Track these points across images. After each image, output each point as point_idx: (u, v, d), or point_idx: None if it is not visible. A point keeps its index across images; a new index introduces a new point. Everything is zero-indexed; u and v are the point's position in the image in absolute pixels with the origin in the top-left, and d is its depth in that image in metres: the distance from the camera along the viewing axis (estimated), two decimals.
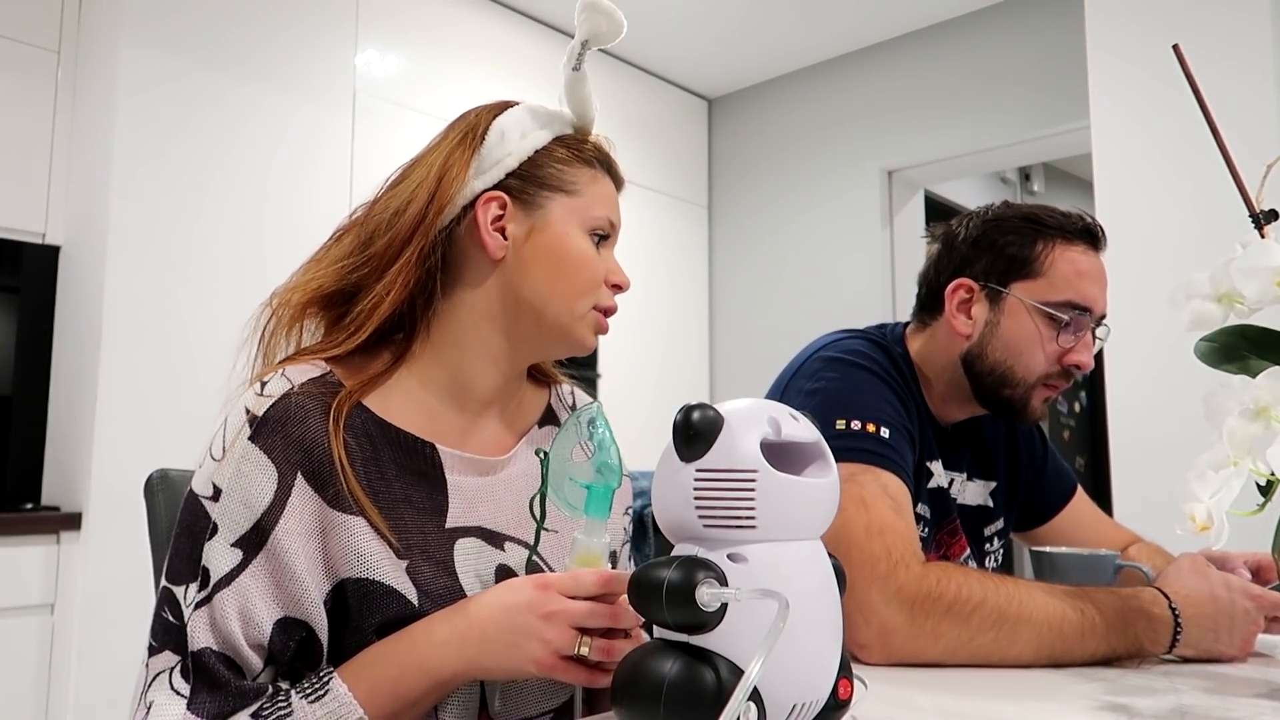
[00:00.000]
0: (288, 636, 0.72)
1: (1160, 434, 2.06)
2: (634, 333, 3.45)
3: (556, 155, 0.85)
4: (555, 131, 0.86)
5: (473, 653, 0.70)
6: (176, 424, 2.25)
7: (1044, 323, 1.09)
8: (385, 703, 0.70)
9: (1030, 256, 1.11)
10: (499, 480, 0.85)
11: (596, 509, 0.72)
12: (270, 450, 0.73)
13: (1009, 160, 3.45)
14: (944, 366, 1.17)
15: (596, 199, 0.86)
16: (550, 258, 0.82)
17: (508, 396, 0.89)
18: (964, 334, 1.14)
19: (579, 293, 0.83)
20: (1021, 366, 1.11)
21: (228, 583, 0.71)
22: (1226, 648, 0.92)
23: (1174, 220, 2.12)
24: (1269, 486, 0.65)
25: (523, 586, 0.69)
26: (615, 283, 0.86)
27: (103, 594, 2.13)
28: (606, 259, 0.86)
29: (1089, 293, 1.10)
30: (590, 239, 0.85)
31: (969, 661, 0.89)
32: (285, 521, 0.72)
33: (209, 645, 0.70)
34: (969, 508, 1.26)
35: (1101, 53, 2.31)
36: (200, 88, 2.41)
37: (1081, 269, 1.10)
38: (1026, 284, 1.11)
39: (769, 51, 3.60)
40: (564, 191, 0.84)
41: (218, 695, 0.69)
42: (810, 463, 0.61)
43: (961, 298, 1.14)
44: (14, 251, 2.34)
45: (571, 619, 0.67)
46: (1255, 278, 0.70)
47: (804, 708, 0.57)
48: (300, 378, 0.78)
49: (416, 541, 0.77)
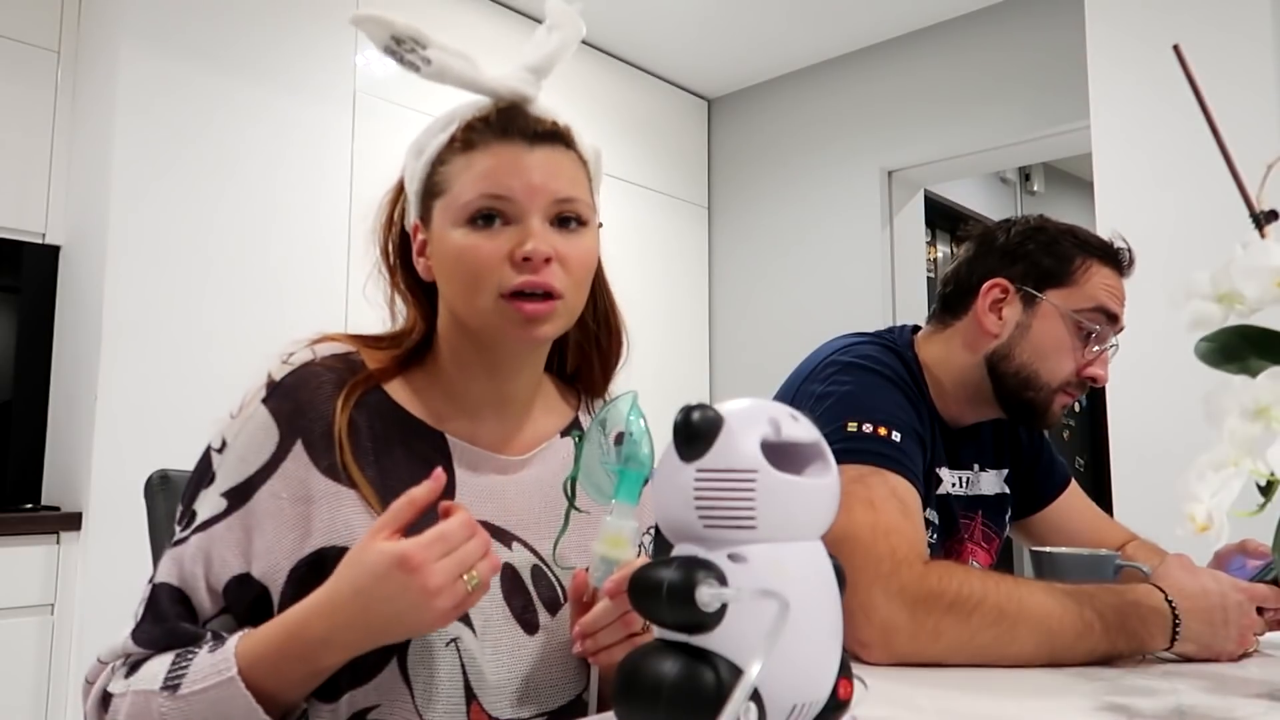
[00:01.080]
0: (243, 592, 0.74)
1: (1160, 434, 2.06)
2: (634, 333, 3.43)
3: (443, 156, 0.80)
4: (459, 123, 0.81)
5: (358, 637, 0.68)
6: (176, 424, 2.25)
7: (1073, 331, 1.12)
8: (265, 680, 0.68)
9: (1068, 268, 1.14)
10: (510, 481, 0.84)
11: (627, 493, 0.72)
12: (277, 413, 0.77)
13: (1009, 160, 3.45)
14: (963, 367, 1.17)
15: (469, 181, 0.77)
16: (443, 268, 0.80)
17: (522, 400, 0.87)
18: (993, 333, 1.15)
19: (471, 289, 0.77)
20: (1047, 370, 1.13)
21: (205, 528, 0.75)
22: (1224, 643, 0.92)
23: (1174, 220, 2.12)
24: (1269, 486, 0.65)
25: (378, 555, 0.65)
26: (523, 256, 0.75)
27: (103, 594, 2.13)
28: (501, 237, 0.76)
29: (1115, 310, 1.14)
30: (467, 228, 0.77)
31: (970, 660, 0.90)
32: (272, 483, 0.75)
33: (168, 580, 0.74)
34: (989, 497, 1.27)
35: (1101, 52, 2.31)
36: (200, 87, 2.41)
37: (1112, 286, 1.14)
38: (1061, 292, 1.13)
39: (769, 51, 3.60)
40: (438, 194, 0.80)
41: (156, 629, 0.73)
42: (810, 463, 0.61)
43: (995, 297, 1.16)
44: (14, 251, 2.34)
45: (437, 558, 0.65)
46: (1255, 278, 0.70)
47: (804, 708, 0.57)
48: (325, 351, 0.82)
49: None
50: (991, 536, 1.27)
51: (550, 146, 0.79)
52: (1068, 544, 1.30)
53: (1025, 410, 1.15)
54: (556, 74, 0.85)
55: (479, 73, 0.80)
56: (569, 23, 0.84)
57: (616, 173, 3.54)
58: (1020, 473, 1.34)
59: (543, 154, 0.78)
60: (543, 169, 0.77)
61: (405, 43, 0.77)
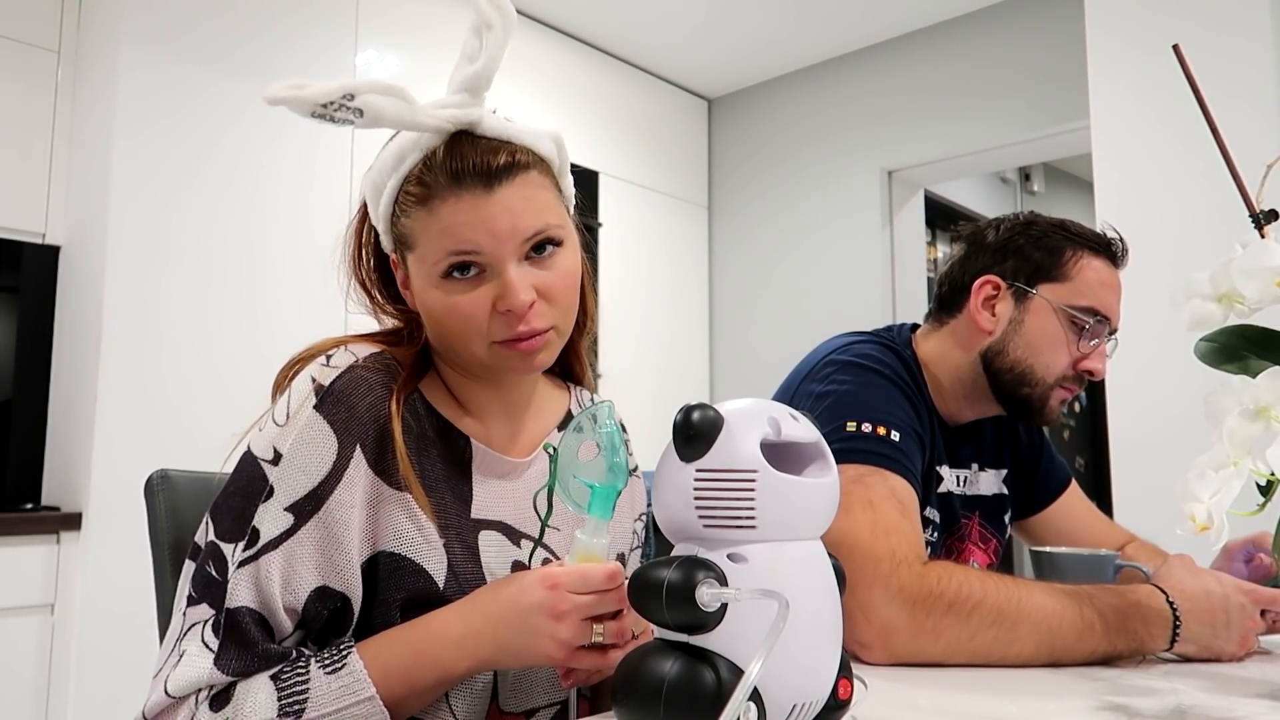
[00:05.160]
0: (323, 605, 0.74)
1: (1160, 434, 2.06)
2: (634, 333, 3.45)
3: (403, 207, 0.78)
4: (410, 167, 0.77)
5: (486, 650, 0.71)
6: (176, 424, 2.26)
7: (1066, 325, 1.12)
8: (397, 688, 0.71)
9: (1059, 261, 1.14)
10: (519, 482, 0.86)
11: (600, 509, 0.72)
12: (334, 420, 0.75)
13: (1009, 160, 3.45)
14: (960, 365, 1.18)
15: (437, 236, 0.75)
16: (430, 318, 0.81)
17: (524, 401, 0.89)
18: (986, 330, 1.15)
19: (462, 340, 0.78)
20: (1041, 365, 1.13)
21: (275, 545, 0.72)
22: (1226, 644, 0.92)
23: (1174, 220, 2.12)
24: (1269, 486, 0.65)
25: (532, 587, 0.69)
26: (505, 309, 0.75)
27: (103, 594, 2.14)
28: (486, 289, 0.76)
29: (1109, 303, 1.13)
30: (447, 283, 0.76)
31: (970, 660, 0.90)
32: (340, 492, 0.74)
33: (246, 604, 0.71)
34: (986, 498, 1.27)
35: (1101, 53, 2.31)
36: (200, 88, 2.41)
37: (1105, 279, 1.13)
38: (1053, 286, 1.13)
39: (769, 51, 3.60)
40: (408, 247, 0.79)
41: (245, 654, 0.70)
42: (810, 463, 0.61)
43: (988, 294, 1.16)
44: (14, 251, 2.34)
45: (582, 613, 0.68)
46: (1255, 278, 0.70)
47: (804, 708, 0.57)
48: (363, 352, 0.80)
49: (453, 524, 0.79)
50: (989, 537, 1.27)
51: (508, 181, 0.75)
52: (1068, 545, 1.30)
53: (1023, 406, 1.15)
54: (556, 74, 0.84)
55: (415, 111, 0.74)
56: (500, 18, 0.77)
57: (616, 173, 3.54)
58: (1020, 474, 1.34)
59: (502, 194, 0.75)
60: (506, 213, 0.74)
61: (331, 104, 0.70)
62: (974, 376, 1.17)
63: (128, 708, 0.73)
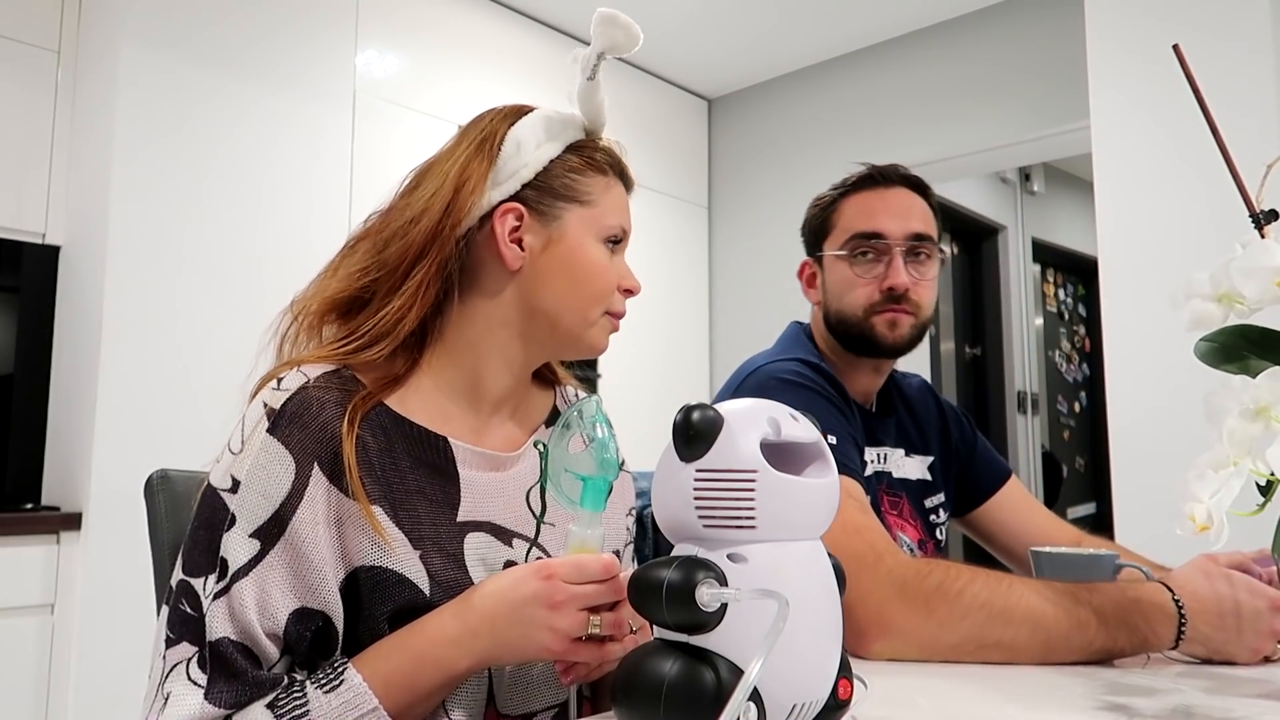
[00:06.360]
0: (304, 626, 0.73)
1: (1160, 434, 2.05)
2: (634, 333, 3.44)
3: (570, 164, 0.86)
4: (568, 139, 0.88)
5: (485, 646, 0.71)
6: (176, 424, 2.26)
7: (849, 264, 1.26)
8: (399, 695, 0.71)
9: (828, 216, 1.31)
10: (509, 477, 0.86)
11: (592, 502, 0.72)
12: (288, 442, 0.74)
13: (1009, 160, 3.45)
14: (823, 335, 1.30)
15: (610, 207, 0.88)
16: (567, 269, 0.85)
17: (518, 396, 0.90)
18: (817, 302, 1.32)
19: (593, 301, 0.86)
20: (845, 305, 1.25)
21: (246, 573, 0.71)
22: (1238, 649, 0.90)
23: (1174, 220, 2.12)
24: (1269, 486, 0.65)
25: (527, 578, 0.70)
26: (627, 288, 0.89)
27: (103, 594, 2.14)
28: (618, 265, 0.89)
29: (878, 223, 1.26)
30: (604, 247, 0.87)
31: (964, 642, 0.90)
32: (302, 511, 0.73)
33: (227, 635, 0.70)
34: (911, 481, 1.33)
35: (1101, 53, 2.31)
36: (200, 87, 2.41)
37: (866, 208, 1.28)
38: (829, 242, 1.30)
39: (769, 51, 3.60)
40: (579, 202, 0.86)
41: (235, 684, 0.69)
42: (810, 463, 0.61)
43: (810, 273, 1.33)
44: (14, 251, 2.34)
45: (579, 603, 0.68)
46: (1255, 278, 0.70)
47: (804, 708, 0.57)
48: (315, 372, 0.79)
49: (429, 533, 0.78)
50: (917, 516, 1.31)
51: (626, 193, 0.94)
52: (1013, 540, 1.35)
53: (863, 343, 1.25)
54: (556, 75, 0.85)
55: None
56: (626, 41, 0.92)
57: None
58: (953, 466, 1.39)
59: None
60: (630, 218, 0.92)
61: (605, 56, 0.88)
62: (833, 340, 1.28)
63: (128, 708, 0.74)
